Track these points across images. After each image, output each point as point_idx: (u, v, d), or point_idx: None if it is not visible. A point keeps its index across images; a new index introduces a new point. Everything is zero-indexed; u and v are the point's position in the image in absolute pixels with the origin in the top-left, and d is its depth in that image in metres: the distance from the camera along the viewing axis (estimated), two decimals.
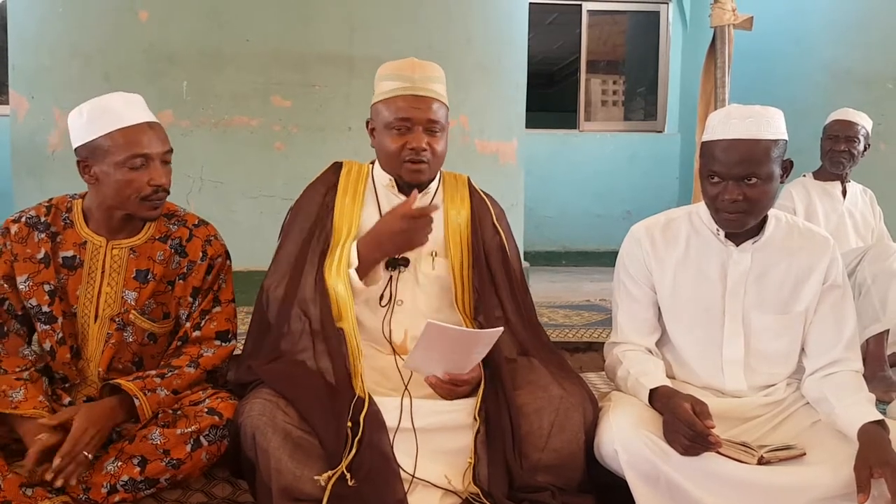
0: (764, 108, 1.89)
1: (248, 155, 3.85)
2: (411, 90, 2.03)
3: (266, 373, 1.90)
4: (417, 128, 2.02)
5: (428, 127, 2.03)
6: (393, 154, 2.05)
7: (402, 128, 2.03)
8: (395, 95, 2.03)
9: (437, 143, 2.06)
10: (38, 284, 1.95)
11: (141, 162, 1.89)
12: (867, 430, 1.75)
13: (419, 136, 2.02)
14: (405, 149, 2.03)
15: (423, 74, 2.05)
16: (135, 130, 1.89)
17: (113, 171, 1.89)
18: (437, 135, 2.05)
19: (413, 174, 2.06)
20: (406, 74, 2.04)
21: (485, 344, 1.87)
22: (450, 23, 4.23)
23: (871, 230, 3.57)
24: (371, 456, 1.77)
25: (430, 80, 2.06)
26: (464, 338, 1.85)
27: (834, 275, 1.98)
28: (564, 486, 1.88)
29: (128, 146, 1.87)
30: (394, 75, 2.06)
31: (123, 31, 3.81)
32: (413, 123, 2.02)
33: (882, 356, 3.03)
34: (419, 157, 2.03)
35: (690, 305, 2.02)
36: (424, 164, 2.05)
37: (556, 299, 4.70)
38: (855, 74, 5.36)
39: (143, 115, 1.93)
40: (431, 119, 2.03)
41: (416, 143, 2.02)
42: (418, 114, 2.02)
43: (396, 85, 2.04)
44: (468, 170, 2.36)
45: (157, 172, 1.91)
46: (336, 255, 2.03)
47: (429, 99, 2.03)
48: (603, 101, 8.56)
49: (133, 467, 1.80)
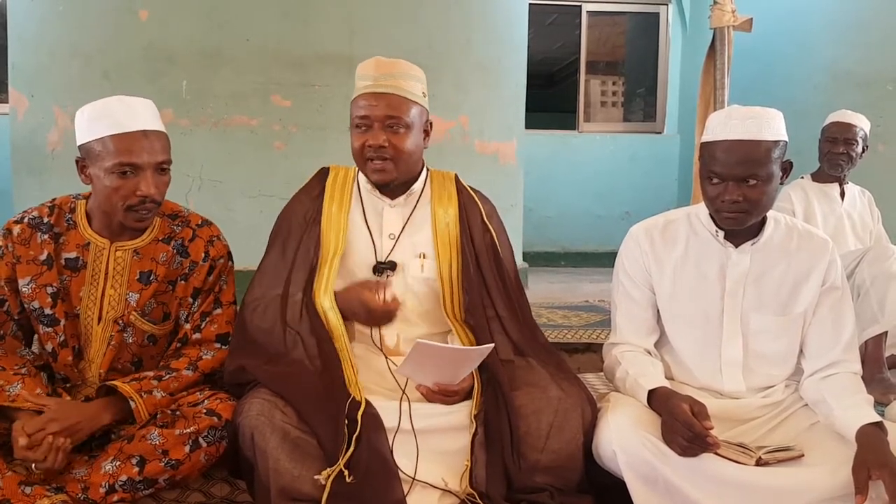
0: (764, 108, 1.89)
1: (248, 154, 3.85)
2: (371, 88, 2.01)
3: (263, 374, 1.90)
4: (376, 125, 2.00)
5: (387, 123, 1.99)
6: (356, 153, 2.04)
7: (362, 125, 2.01)
8: (357, 95, 2.03)
9: (399, 139, 2.01)
10: (40, 287, 1.95)
11: (129, 170, 1.86)
12: (865, 431, 1.75)
13: (377, 134, 1.99)
14: (365, 147, 2.01)
15: (384, 71, 2.02)
16: (127, 138, 1.85)
17: (103, 175, 1.87)
18: (399, 131, 2.00)
19: (375, 174, 2.04)
20: (368, 73, 2.03)
21: (474, 360, 1.89)
22: (449, 23, 4.23)
23: (869, 232, 3.57)
24: (369, 455, 1.77)
25: (392, 77, 2.01)
26: (453, 355, 1.87)
27: (833, 276, 1.98)
28: (563, 486, 1.88)
29: (117, 153, 1.85)
30: (360, 75, 2.05)
31: (123, 31, 3.81)
32: (372, 121, 2.00)
33: (880, 358, 3.03)
34: (378, 154, 2.00)
35: (689, 306, 2.02)
36: (387, 162, 2.01)
37: (555, 300, 4.70)
38: (854, 76, 5.36)
39: (142, 123, 1.88)
40: (390, 115, 1.99)
41: (373, 141, 1.99)
42: (375, 111, 1.99)
43: (359, 84, 2.04)
44: (468, 170, 2.36)
45: (145, 182, 1.87)
46: (324, 274, 2.02)
47: (387, 95, 2.00)
48: (602, 102, 8.56)
49: (132, 467, 1.80)
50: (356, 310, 1.98)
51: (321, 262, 2.05)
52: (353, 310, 1.99)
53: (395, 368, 1.93)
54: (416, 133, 2.05)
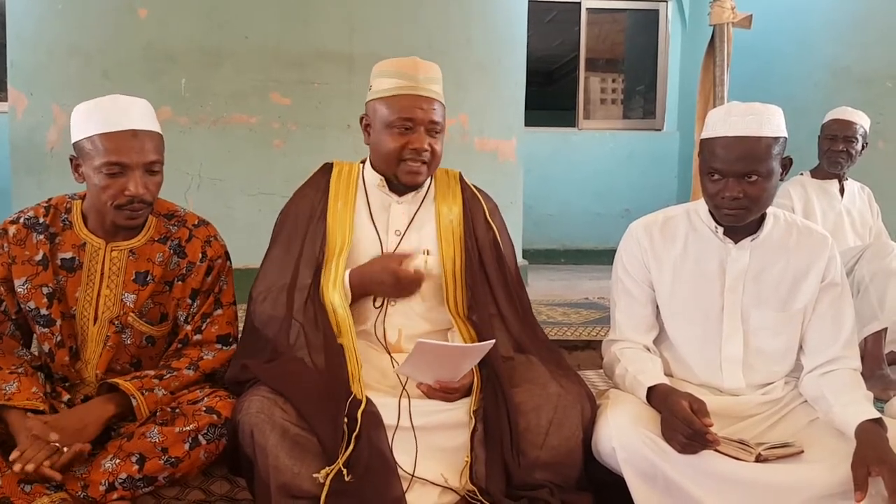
0: (764, 105, 1.89)
1: (247, 152, 3.85)
2: (415, 90, 2.01)
3: (263, 372, 1.89)
4: (420, 128, 2.01)
5: (430, 128, 2.02)
6: (392, 154, 2.03)
7: (403, 127, 2.01)
8: (398, 94, 2.02)
9: (438, 144, 2.05)
10: (36, 287, 1.94)
11: (118, 170, 1.85)
12: (865, 428, 1.75)
13: (422, 137, 2.01)
14: (406, 149, 2.02)
15: (426, 75, 2.04)
16: (116, 137, 1.84)
17: (93, 174, 1.87)
18: (437, 136, 2.05)
19: (410, 175, 2.05)
20: (410, 73, 2.03)
21: (475, 356, 1.89)
22: (449, 21, 4.23)
23: (868, 228, 3.57)
24: (369, 453, 1.77)
25: (432, 81, 2.05)
26: (454, 352, 1.87)
27: (832, 273, 1.98)
28: (562, 483, 1.88)
29: (106, 152, 1.84)
30: (396, 73, 2.04)
31: (122, 29, 3.81)
32: (416, 124, 2.01)
33: (880, 354, 3.03)
34: (420, 157, 2.02)
35: (689, 303, 2.02)
36: (424, 166, 2.05)
37: (555, 297, 4.70)
38: (854, 73, 5.36)
39: (132, 123, 1.86)
40: (434, 120, 2.02)
41: (419, 144, 2.01)
42: (422, 114, 2.01)
43: (399, 83, 2.02)
44: (467, 168, 2.36)
45: (133, 182, 1.86)
46: (332, 269, 2.02)
47: (431, 99, 2.03)
48: (602, 100, 8.56)
49: (132, 465, 1.80)
50: (383, 279, 1.98)
51: (328, 257, 2.05)
52: (379, 280, 1.99)
53: (397, 368, 1.93)
54: (445, 137, 2.09)
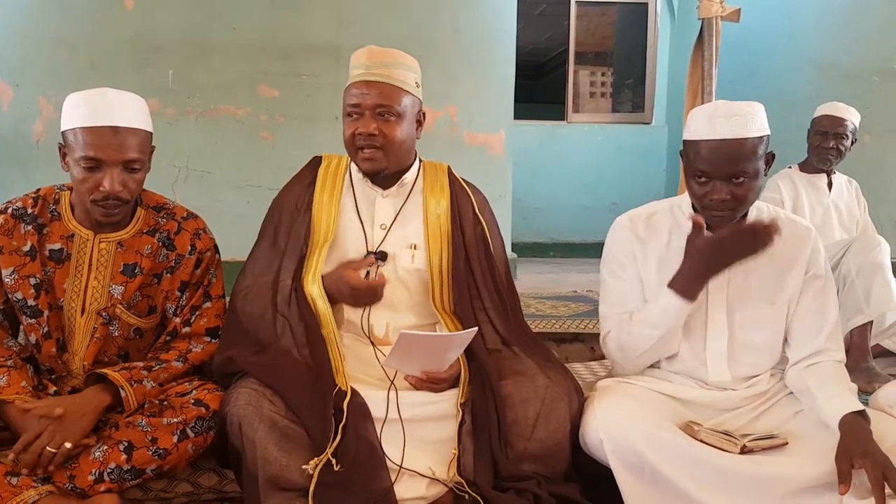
0: (747, 104, 1.87)
1: (235, 145, 3.84)
2: (363, 76, 2.01)
3: (251, 364, 1.89)
4: (367, 113, 2.00)
5: (378, 112, 1.99)
6: (347, 142, 2.04)
7: (353, 114, 2.01)
8: (349, 83, 2.04)
9: (389, 128, 2.00)
10: (23, 278, 1.94)
11: (94, 164, 1.84)
12: (848, 420, 1.76)
13: (367, 122, 1.99)
14: (356, 135, 2.01)
15: (376, 60, 2.02)
16: (96, 132, 1.83)
17: (73, 166, 1.87)
18: (389, 120, 2.00)
19: (365, 163, 2.03)
20: (360, 62, 2.03)
21: (459, 345, 1.89)
22: (438, 14, 4.21)
23: (856, 222, 3.58)
24: (356, 444, 1.78)
25: (384, 66, 2.02)
26: (437, 342, 1.88)
27: (816, 265, 1.99)
28: (550, 475, 1.89)
29: (84, 147, 1.83)
30: (353, 64, 2.06)
31: (109, 20, 3.78)
32: (362, 109, 2.00)
33: (865, 347, 3.06)
34: (368, 142, 2.00)
35: None
36: (377, 151, 2.01)
37: (544, 290, 4.71)
38: (841, 67, 5.38)
39: (115, 119, 1.84)
40: (380, 104, 1.99)
41: (363, 129, 1.99)
42: (366, 99, 1.99)
43: (352, 73, 2.05)
44: (456, 161, 2.35)
45: (109, 179, 1.84)
46: (313, 262, 2.02)
47: (378, 84, 2.00)
48: (591, 93, 8.56)
49: (120, 454, 1.79)
50: (342, 290, 1.96)
51: (311, 249, 2.05)
52: (340, 290, 1.97)
53: (383, 361, 1.93)
54: (407, 123, 2.04)
